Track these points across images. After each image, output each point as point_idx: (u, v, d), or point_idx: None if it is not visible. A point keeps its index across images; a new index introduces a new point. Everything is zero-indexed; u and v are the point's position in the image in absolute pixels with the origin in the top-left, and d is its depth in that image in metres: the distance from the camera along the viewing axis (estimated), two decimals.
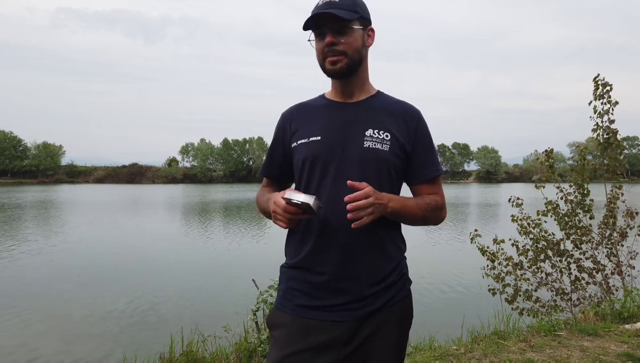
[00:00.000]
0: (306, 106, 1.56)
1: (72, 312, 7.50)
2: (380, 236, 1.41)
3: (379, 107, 1.48)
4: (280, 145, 1.56)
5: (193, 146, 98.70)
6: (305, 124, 1.49)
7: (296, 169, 1.50)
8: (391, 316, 1.43)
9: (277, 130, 1.57)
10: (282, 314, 1.43)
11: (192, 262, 11.56)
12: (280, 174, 1.60)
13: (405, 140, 1.45)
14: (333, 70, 1.42)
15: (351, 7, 1.40)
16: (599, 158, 5.61)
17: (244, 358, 3.51)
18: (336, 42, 1.38)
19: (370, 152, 1.40)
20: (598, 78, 5.27)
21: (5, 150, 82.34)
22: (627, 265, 5.53)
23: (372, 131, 1.43)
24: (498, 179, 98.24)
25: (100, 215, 23.63)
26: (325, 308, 1.39)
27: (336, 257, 1.38)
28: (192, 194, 46.96)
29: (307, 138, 1.46)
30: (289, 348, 1.36)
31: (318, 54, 1.44)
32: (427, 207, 1.45)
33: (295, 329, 1.38)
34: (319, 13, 1.37)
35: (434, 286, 8.83)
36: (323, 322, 1.38)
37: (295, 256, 1.46)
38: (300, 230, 1.44)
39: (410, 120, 1.47)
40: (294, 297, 1.43)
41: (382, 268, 1.42)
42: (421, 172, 1.49)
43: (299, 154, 1.47)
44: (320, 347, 1.35)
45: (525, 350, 3.45)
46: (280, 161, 1.57)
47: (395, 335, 1.44)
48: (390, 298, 1.43)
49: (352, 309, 1.38)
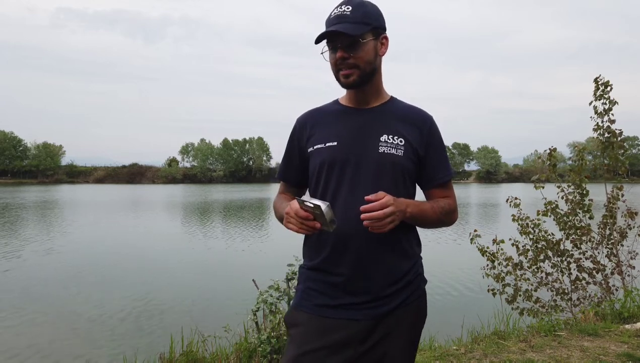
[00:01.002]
0: (321, 111, 1.59)
1: (71, 312, 7.50)
2: (397, 237, 1.43)
3: (393, 113, 1.52)
4: (297, 149, 1.58)
5: (193, 146, 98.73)
6: (321, 129, 1.53)
7: (312, 173, 1.52)
8: (407, 315, 1.46)
9: (293, 134, 1.60)
10: (300, 313, 1.46)
11: (192, 262, 11.56)
12: (298, 177, 1.62)
13: (418, 145, 1.49)
14: (347, 83, 1.45)
15: (362, 20, 1.41)
16: (599, 158, 5.61)
17: (244, 358, 3.51)
18: (347, 56, 1.41)
19: (386, 157, 1.44)
20: (599, 78, 5.27)
21: (5, 150, 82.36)
22: (627, 265, 5.52)
23: (386, 137, 1.46)
24: (498, 179, 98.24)
25: (100, 216, 23.64)
26: (342, 307, 1.42)
27: (353, 260, 1.41)
28: (192, 194, 46.96)
29: (324, 143, 1.49)
30: (306, 346, 1.38)
31: (332, 66, 1.47)
32: (442, 210, 1.50)
33: (313, 328, 1.41)
34: (330, 31, 1.39)
35: (434, 286, 8.82)
36: (340, 321, 1.40)
37: (313, 259, 1.49)
38: (316, 234, 1.45)
39: (422, 126, 1.51)
40: (311, 296, 1.46)
41: (399, 268, 1.46)
42: (434, 176, 1.53)
43: (316, 158, 1.50)
44: (337, 345, 1.38)
45: (525, 350, 3.45)
46: (298, 164, 1.60)
47: (410, 334, 1.48)
48: (407, 297, 1.47)
49: (369, 308, 1.42)
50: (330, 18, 1.43)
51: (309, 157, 1.53)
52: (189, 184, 79.33)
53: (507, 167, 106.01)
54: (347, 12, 1.40)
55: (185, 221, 22.61)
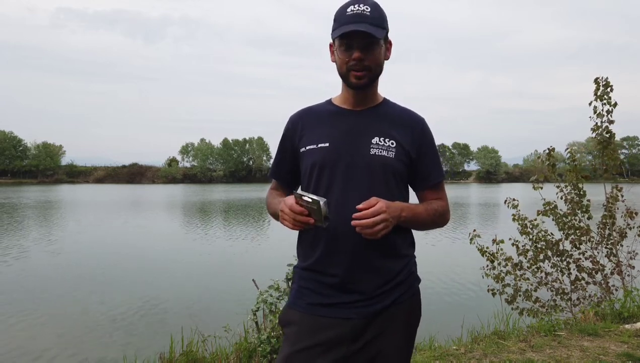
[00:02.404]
0: (314, 111, 1.59)
1: (71, 312, 7.50)
2: (390, 238, 1.43)
3: (385, 115, 1.53)
4: (290, 148, 1.58)
5: (193, 146, 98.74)
6: (313, 130, 1.53)
7: (304, 174, 1.53)
8: (400, 313, 1.47)
9: (286, 133, 1.60)
10: (293, 312, 1.48)
11: (192, 262, 11.56)
12: (290, 176, 1.62)
13: (410, 147, 1.50)
14: (358, 84, 1.45)
15: (381, 23, 1.42)
16: (598, 158, 5.61)
17: (244, 358, 3.51)
18: (364, 57, 1.41)
19: (377, 159, 1.45)
20: (599, 79, 5.27)
21: (5, 150, 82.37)
22: (626, 265, 5.52)
23: (378, 139, 1.47)
24: (498, 179, 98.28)
25: (100, 216, 23.64)
26: (335, 305, 1.43)
27: (346, 261, 1.42)
28: (192, 194, 46.96)
29: (316, 144, 1.49)
30: (300, 344, 1.41)
31: (341, 63, 1.45)
32: (435, 212, 1.52)
33: (306, 326, 1.43)
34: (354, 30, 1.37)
35: (434, 286, 8.83)
36: (333, 319, 1.42)
37: (306, 259, 1.51)
38: (310, 234, 1.48)
39: (414, 128, 1.53)
40: (305, 295, 1.48)
41: (391, 268, 1.47)
42: (427, 178, 1.55)
43: (308, 159, 1.50)
44: (330, 343, 1.40)
45: (525, 350, 3.45)
46: (290, 164, 1.60)
47: (404, 332, 1.48)
48: (399, 296, 1.48)
49: (361, 307, 1.43)
50: (347, 15, 1.41)
51: (302, 158, 1.53)
52: (189, 184, 79.32)
53: (507, 167, 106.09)
54: (367, 12, 1.40)
55: (185, 221, 22.61)
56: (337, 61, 1.47)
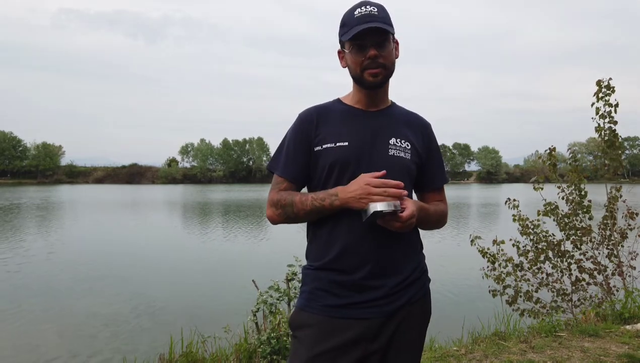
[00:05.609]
0: (326, 109, 1.55)
1: (71, 312, 7.50)
2: (406, 236, 1.47)
3: (398, 117, 1.56)
4: (305, 145, 1.51)
5: (193, 146, 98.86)
6: (329, 128, 1.50)
7: (321, 172, 1.48)
8: (414, 312, 1.48)
9: (298, 131, 1.52)
10: (307, 315, 1.45)
11: (192, 263, 11.56)
12: (302, 174, 1.53)
13: (421, 149, 1.56)
14: (374, 82, 1.45)
15: (388, 21, 1.45)
16: (600, 158, 5.60)
17: (243, 359, 3.50)
18: (379, 55, 1.42)
19: (395, 159, 1.48)
20: (601, 80, 5.25)
21: (5, 150, 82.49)
22: (628, 266, 5.51)
23: (395, 140, 1.50)
24: (499, 180, 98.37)
25: (100, 216, 23.64)
26: (351, 306, 1.42)
27: (363, 259, 1.42)
28: (192, 194, 46.97)
29: (334, 143, 1.47)
30: (317, 348, 1.38)
31: (355, 65, 1.45)
32: (440, 213, 1.59)
33: (322, 329, 1.41)
34: (367, 28, 1.38)
35: (434, 287, 8.74)
36: (349, 320, 1.41)
37: (320, 258, 1.47)
38: (324, 233, 1.46)
39: (424, 131, 1.59)
40: (320, 297, 1.45)
41: (407, 266, 1.49)
42: (432, 181, 1.62)
43: (326, 158, 1.47)
44: (348, 345, 1.38)
45: (525, 351, 3.44)
46: (302, 162, 1.51)
47: (417, 331, 1.50)
48: (414, 294, 1.49)
49: (378, 306, 1.42)
50: (356, 17, 1.42)
51: (317, 156, 1.48)
52: (189, 184, 79.37)
53: (507, 167, 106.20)
54: (375, 12, 1.42)
55: (185, 221, 22.61)
56: (350, 64, 1.47)
